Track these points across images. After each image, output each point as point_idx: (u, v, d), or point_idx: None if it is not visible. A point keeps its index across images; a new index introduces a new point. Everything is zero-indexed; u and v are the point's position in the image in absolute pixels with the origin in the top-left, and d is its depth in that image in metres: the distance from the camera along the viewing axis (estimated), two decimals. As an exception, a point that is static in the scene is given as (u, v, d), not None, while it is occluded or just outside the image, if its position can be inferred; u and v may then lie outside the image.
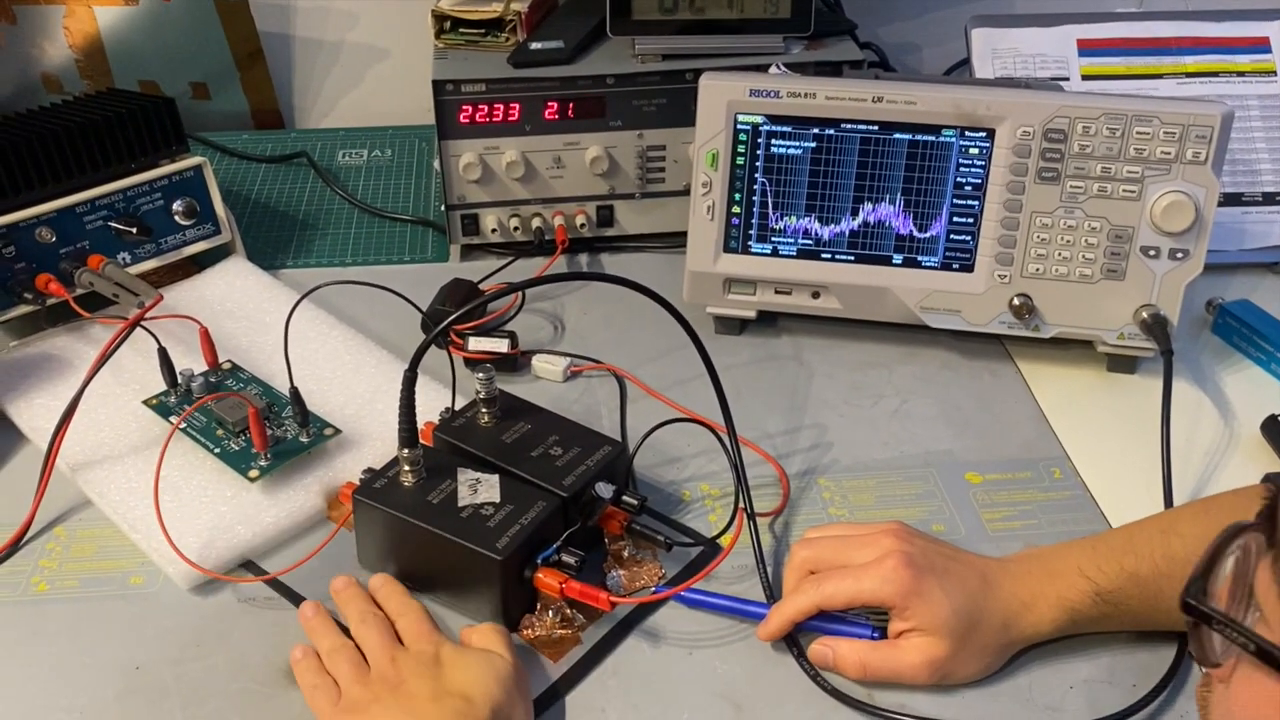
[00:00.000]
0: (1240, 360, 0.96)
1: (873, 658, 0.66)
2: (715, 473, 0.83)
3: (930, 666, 0.65)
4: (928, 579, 0.65)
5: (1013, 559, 0.70)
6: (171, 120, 0.99)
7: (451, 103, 1.02)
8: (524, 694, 0.64)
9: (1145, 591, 0.66)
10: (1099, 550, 0.68)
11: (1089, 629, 0.68)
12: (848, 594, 0.67)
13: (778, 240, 0.94)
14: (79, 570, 0.75)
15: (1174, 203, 0.85)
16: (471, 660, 0.64)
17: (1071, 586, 0.66)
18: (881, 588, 0.65)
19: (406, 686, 0.62)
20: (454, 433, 0.78)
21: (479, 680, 0.62)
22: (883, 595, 0.65)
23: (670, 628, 0.71)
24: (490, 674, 0.63)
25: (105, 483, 0.80)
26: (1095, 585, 0.66)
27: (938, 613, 0.65)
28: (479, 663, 0.64)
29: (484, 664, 0.63)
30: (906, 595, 0.65)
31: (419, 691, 0.62)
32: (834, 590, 0.67)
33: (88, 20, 1.30)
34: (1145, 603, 0.66)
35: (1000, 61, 1.11)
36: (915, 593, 0.65)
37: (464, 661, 0.64)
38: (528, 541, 0.69)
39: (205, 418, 0.82)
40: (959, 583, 0.66)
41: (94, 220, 0.94)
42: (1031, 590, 0.67)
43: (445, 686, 0.62)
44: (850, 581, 0.67)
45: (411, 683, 0.62)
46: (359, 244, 1.14)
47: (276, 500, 0.78)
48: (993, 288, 0.91)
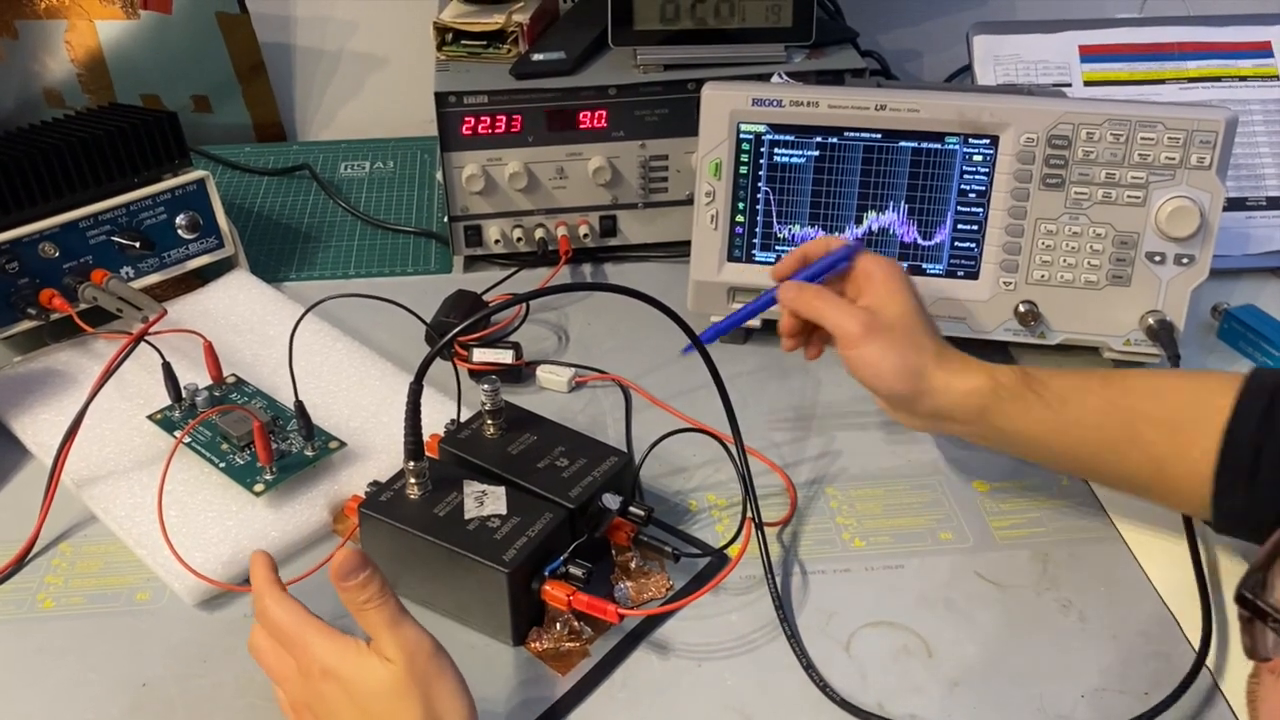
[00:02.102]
0: (1247, 365, 0.95)
1: (822, 298, 0.76)
2: (722, 483, 0.83)
3: (863, 328, 0.73)
4: (898, 279, 0.76)
5: None
6: (174, 134, 0.99)
7: (454, 114, 1.02)
8: (436, 676, 0.59)
9: (1066, 393, 0.72)
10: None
11: (1008, 408, 0.72)
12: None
13: (782, 249, 0.94)
14: (84, 587, 0.75)
15: (1179, 208, 0.85)
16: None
17: (1001, 366, 0.74)
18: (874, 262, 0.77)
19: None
20: (459, 445, 0.78)
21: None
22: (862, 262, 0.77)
23: (679, 639, 0.71)
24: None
25: (110, 498, 0.80)
26: (1023, 368, 0.74)
27: (889, 302, 0.74)
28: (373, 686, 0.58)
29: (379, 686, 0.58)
30: (875, 271, 0.76)
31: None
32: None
33: (89, 34, 1.30)
34: (1060, 407, 0.72)
35: (1002, 68, 1.11)
36: (883, 276, 0.75)
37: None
38: (535, 554, 0.68)
39: (210, 432, 0.82)
40: (919, 302, 0.76)
41: (97, 235, 0.94)
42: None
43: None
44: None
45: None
46: (362, 256, 1.14)
47: (282, 514, 0.78)
48: (998, 295, 0.91)
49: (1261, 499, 0.66)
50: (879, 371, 0.73)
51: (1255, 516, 0.67)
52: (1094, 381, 0.72)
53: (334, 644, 0.59)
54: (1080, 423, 0.71)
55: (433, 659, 0.58)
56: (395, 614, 0.58)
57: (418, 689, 0.57)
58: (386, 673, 0.57)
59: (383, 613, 0.58)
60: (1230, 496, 0.68)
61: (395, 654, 0.57)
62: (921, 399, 0.73)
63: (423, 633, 0.59)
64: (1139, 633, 0.71)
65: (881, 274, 0.76)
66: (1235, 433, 0.67)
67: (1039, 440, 0.73)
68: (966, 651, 0.70)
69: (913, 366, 0.73)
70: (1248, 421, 0.67)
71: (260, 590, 0.62)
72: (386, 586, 0.59)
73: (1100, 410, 0.71)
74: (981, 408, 0.72)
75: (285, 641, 0.61)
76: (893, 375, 0.73)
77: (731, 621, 0.72)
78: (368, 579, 0.58)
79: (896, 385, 0.73)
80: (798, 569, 0.76)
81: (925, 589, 0.75)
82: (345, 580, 0.58)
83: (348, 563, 0.58)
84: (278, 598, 0.62)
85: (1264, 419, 0.66)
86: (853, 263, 0.78)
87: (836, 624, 0.72)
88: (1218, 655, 0.70)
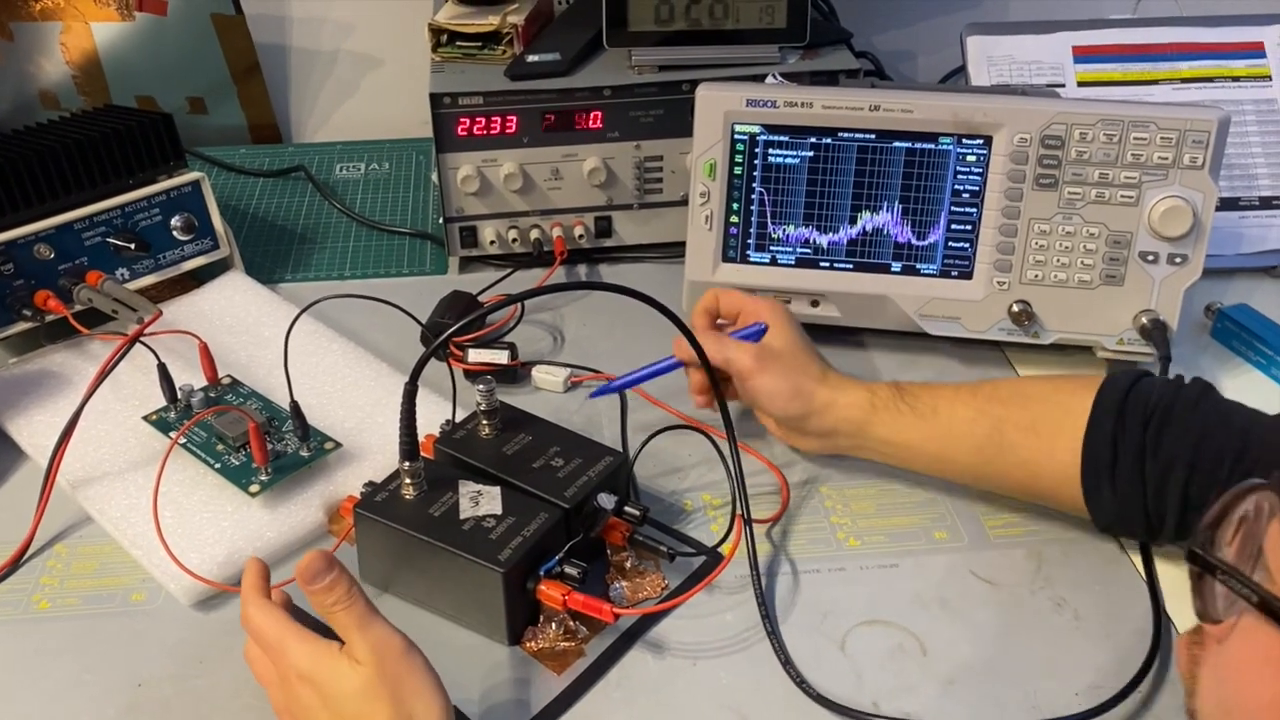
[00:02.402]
0: (1240, 364, 0.96)
1: (718, 341, 0.81)
2: (716, 482, 0.83)
3: (756, 360, 0.79)
4: (782, 314, 0.83)
5: None
6: (169, 136, 0.99)
7: (449, 116, 1.02)
8: (408, 672, 0.59)
9: (937, 403, 0.77)
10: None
11: (885, 419, 0.78)
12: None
13: (776, 249, 0.94)
14: (80, 588, 0.75)
15: (1172, 208, 0.85)
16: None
17: (878, 383, 0.80)
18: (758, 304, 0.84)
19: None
20: (455, 445, 0.78)
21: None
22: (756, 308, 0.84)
23: (674, 639, 0.71)
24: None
25: (105, 499, 0.80)
26: (897, 383, 0.80)
27: (775, 335, 0.81)
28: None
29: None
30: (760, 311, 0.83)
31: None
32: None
33: (85, 37, 1.30)
34: (932, 416, 0.77)
35: (996, 69, 1.12)
36: (768, 313, 0.82)
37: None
38: (530, 553, 0.69)
39: (205, 433, 0.82)
40: (801, 332, 0.83)
41: (92, 237, 0.94)
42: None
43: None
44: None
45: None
46: (357, 257, 1.14)
47: (277, 515, 0.78)
48: (992, 294, 0.91)
49: (1126, 495, 0.70)
50: (773, 396, 0.79)
51: (1127, 514, 0.71)
52: (964, 392, 0.77)
53: (308, 648, 0.59)
54: (951, 431, 0.76)
55: (403, 659, 0.58)
56: (364, 615, 0.59)
57: (387, 690, 0.57)
58: (357, 675, 0.58)
59: (351, 614, 0.58)
60: (1098, 496, 0.72)
61: (365, 656, 0.58)
62: (811, 418, 0.79)
63: (392, 632, 0.59)
64: (1133, 631, 0.71)
65: (767, 312, 0.83)
66: (1093, 433, 0.71)
67: (916, 448, 0.78)
68: (961, 650, 0.70)
69: (802, 389, 0.79)
70: (1105, 421, 0.71)
71: (245, 597, 0.63)
72: (354, 587, 0.59)
73: (969, 419, 0.76)
74: (862, 420, 0.78)
75: (266, 647, 0.62)
76: (785, 399, 0.79)
77: (726, 620, 0.73)
78: (334, 581, 0.58)
79: (790, 407, 0.79)
80: (792, 568, 0.76)
81: (920, 588, 0.75)
82: (312, 583, 0.59)
83: (314, 565, 0.59)
84: (259, 604, 0.62)
85: (1119, 418, 0.70)
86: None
87: (831, 623, 0.72)
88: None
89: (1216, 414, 0.70)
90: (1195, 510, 0.69)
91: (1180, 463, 0.68)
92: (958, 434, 0.76)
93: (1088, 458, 0.71)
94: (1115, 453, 0.70)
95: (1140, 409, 0.70)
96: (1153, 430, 0.70)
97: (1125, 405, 0.71)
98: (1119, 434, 0.70)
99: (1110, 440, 0.70)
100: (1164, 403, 0.70)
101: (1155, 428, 0.70)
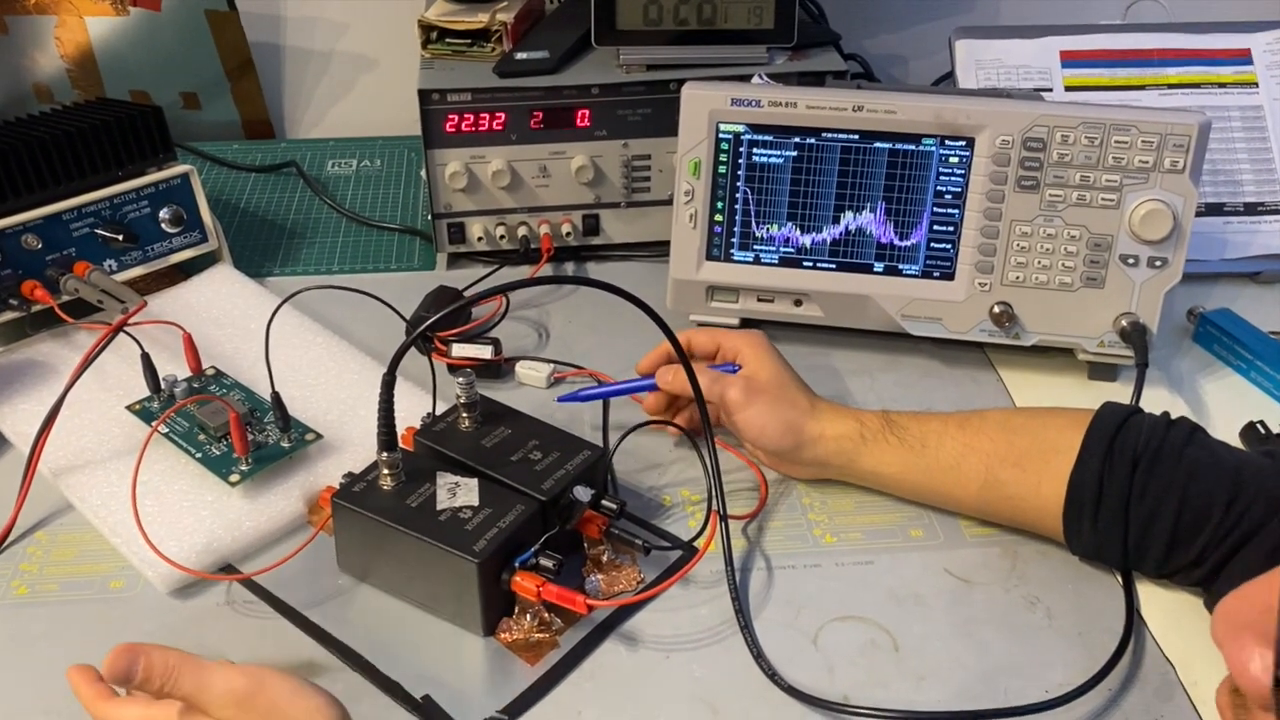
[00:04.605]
0: (1220, 368, 0.96)
1: (706, 376, 0.80)
2: (695, 478, 0.84)
3: (744, 394, 0.79)
4: (765, 346, 0.83)
5: None
6: (159, 129, 0.99)
7: (437, 112, 1.02)
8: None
9: (925, 436, 0.77)
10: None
11: (873, 450, 0.78)
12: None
13: (760, 248, 0.95)
14: (59, 574, 0.76)
15: (1152, 211, 0.86)
16: None
17: (867, 412, 0.81)
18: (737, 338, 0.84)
19: None
20: (434, 437, 0.78)
21: None
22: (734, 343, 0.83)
23: (648, 631, 0.72)
24: None
25: (86, 487, 0.80)
26: (886, 413, 0.80)
27: (761, 368, 0.81)
28: None
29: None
30: (743, 346, 0.83)
31: None
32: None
33: (79, 31, 1.31)
34: (920, 450, 0.77)
35: (984, 73, 1.12)
36: (751, 346, 0.83)
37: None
38: (505, 545, 0.69)
39: (187, 422, 0.83)
40: (786, 364, 0.83)
41: (80, 227, 0.95)
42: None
43: None
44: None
45: None
46: (346, 252, 1.14)
47: (257, 505, 0.78)
48: (973, 296, 0.91)
49: (1106, 533, 0.72)
50: (764, 429, 0.79)
51: (1105, 548, 0.73)
52: (952, 425, 0.78)
53: None
54: (939, 464, 0.77)
55: (262, 693, 0.56)
56: (197, 675, 0.57)
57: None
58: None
59: (185, 680, 0.56)
60: (1078, 531, 0.73)
61: (222, 712, 0.56)
62: (802, 449, 0.79)
63: (231, 675, 0.57)
64: (1105, 630, 0.71)
65: (749, 346, 0.83)
66: (1079, 472, 0.72)
67: (903, 480, 0.79)
68: (934, 646, 0.71)
69: (791, 422, 0.79)
70: (1091, 461, 0.71)
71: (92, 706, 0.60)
72: (168, 655, 0.57)
73: (957, 453, 0.76)
74: (851, 452, 0.79)
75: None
76: (776, 432, 0.79)
77: (700, 614, 0.73)
78: (146, 665, 0.56)
79: (781, 441, 0.79)
80: (768, 563, 0.77)
81: (894, 584, 0.75)
82: (128, 679, 0.56)
83: (117, 663, 0.56)
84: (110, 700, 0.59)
85: (1105, 458, 0.71)
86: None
87: (805, 618, 0.73)
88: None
89: (1206, 455, 0.70)
90: (1181, 549, 0.70)
91: (1168, 505, 0.69)
92: (945, 467, 0.77)
93: (1072, 495, 0.72)
94: (1100, 492, 0.71)
95: (1129, 450, 0.71)
96: (1140, 472, 0.70)
97: (1113, 445, 0.71)
98: (1105, 474, 0.71)
99: (1096, 480, 0.71)
100: (1152, 444, 0.70)
101: (1144, 470, 0.70)
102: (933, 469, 0.77)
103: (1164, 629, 0.72)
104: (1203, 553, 0.69)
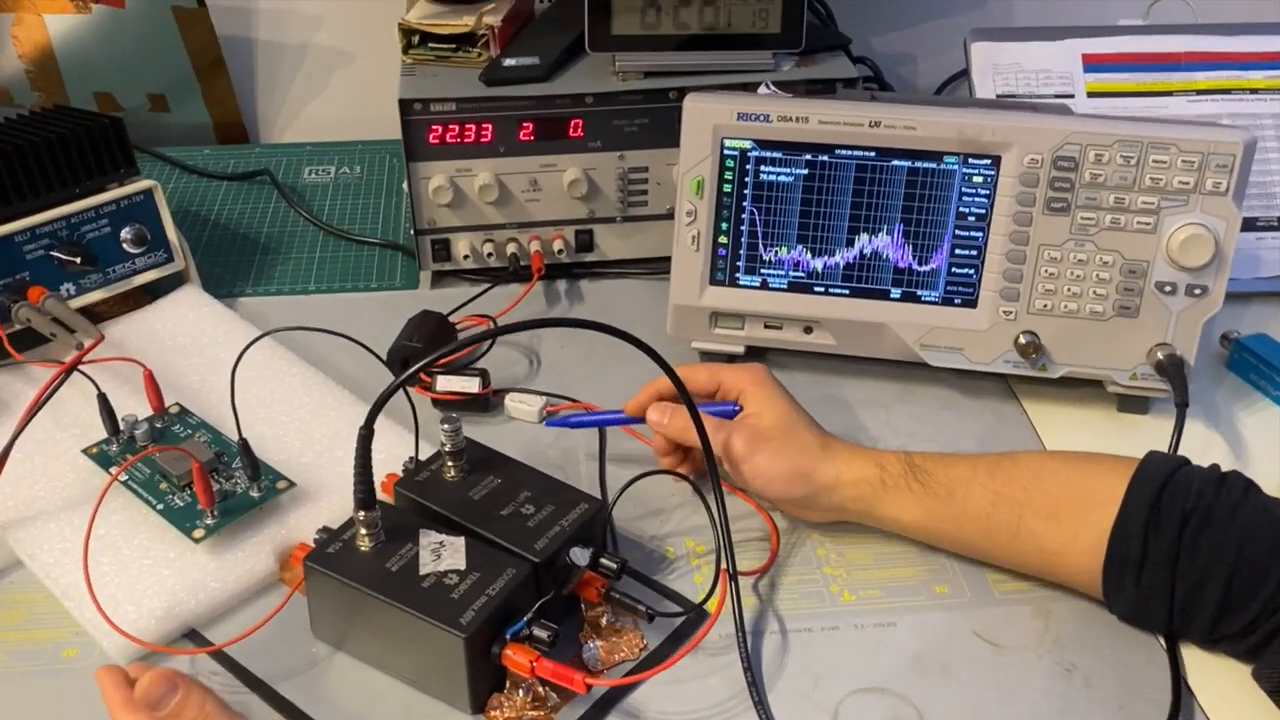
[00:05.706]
0: (1258, 399, 0.90)
1: (718, 429, 0.74)
2: (701, 526, 0.78)
3: (747, 444, 0.73)
4: (769, 383, 0.77)
5: None
6: (119, 141, 0.92)
7: (420, 123, 0.96)
8: None
9: (952, 484, 0.71)
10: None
11: (895, 497, 0.72)
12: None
13: (767, 272, 0.88)
14: (7, 641, 0.69)
15: (1192, 236, 0.80)
16: None
17: (888, 454, 0.74)
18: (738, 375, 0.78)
19: None
20: (417, 489, 0.72)
21: None
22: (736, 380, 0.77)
23: (652, 706, 0.66)
24: None
25: (37, 542, 0.73)
26: (909, 456, 0.73)
27: (765, 409, 0.75)
28: None
29: None
30: (745, 385, 0.77)
31: None
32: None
33: (38, 29, 1.23)
34: (947, 498, 0.71)
35: (1002, 77, 1.06)
36: (753, 385, 0.76)
37: None
38: (495, 615, 0.63)
39: (149, 469, 0.76)
40: (792, 401, 0.77)
41: (34, 250, 0.88)
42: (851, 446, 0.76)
43: None
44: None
45: None
46: (323, 269, 1.07)
47: (223, 563, 0.72)
48: (997, 324, 0.85)
49: (1151, 593, 0.66)
50: (771, 480, 0.74)
51: (1149, 610, 0.67)
52: (981, 471, 0.72)
53: None
54: (967, 513, 0.71)
55: None
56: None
57: None
58: None
59: None
60: (1119, 590, 0.67)
61: None
62: (818, 497, 0.73)
63: None
64: (1149, 702, 0.66)
65: (752, 384, 0.77)
66: (1123, 526, 0.66)
67: (928, 530, 0.73)
68: (963, 722, 0.65)
69: (801, 469, 0.73)
70: (1136, 515, 0.66)
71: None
72: (207, 697, 0.57)
73: (987, 501, 0.71)
74: (871, 498, 0.73)
75: None
76: (785, 482, 0.73)
77: (709, 685, 0.67)
78: (183, 700, 0.57)
79: (790, 490, 0.74)
80: (781, 626, 0.71)
81: (919, 650, 0.69)
82: (158, 709, 0.57)
83: (154, 690, 0.57)
84: None
85: (1151, 512, 0.65)
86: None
87: (824, 689, 0.67)
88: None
89: (1263, 515, 0.65)
90: (1232, 615, 0.64)
91: (1220, 568, 0.64)
92: (973, 517, 0.71)
93: (1114, 551, 0.66)
94: (1145, 549, 0.65)
95: (1178, 506, 0.65)
96: (1190, 532, 0.65)
97: (1160, 499, 0.66)
98: (1151, 531, 0.65)
99: (1141, 535, 0.65)
100: (1204, 503, 0.65)
101: (1194, 530, 0.64)
102: (960, 519, 0.71)
103: (1215, 702, 0.66)
104: (1255, 620, 0.64)
